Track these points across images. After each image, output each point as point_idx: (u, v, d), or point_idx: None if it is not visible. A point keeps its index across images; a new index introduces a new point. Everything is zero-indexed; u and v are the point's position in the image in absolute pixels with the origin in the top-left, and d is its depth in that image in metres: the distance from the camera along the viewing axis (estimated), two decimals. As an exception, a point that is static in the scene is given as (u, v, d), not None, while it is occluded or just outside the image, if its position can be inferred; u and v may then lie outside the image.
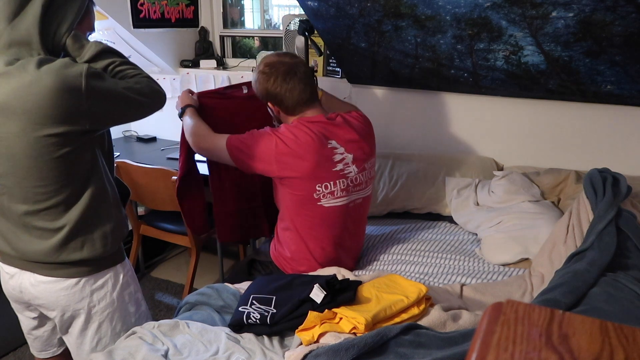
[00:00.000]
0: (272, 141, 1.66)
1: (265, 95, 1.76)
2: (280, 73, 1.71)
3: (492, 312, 0.47)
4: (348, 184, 1.74)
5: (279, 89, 1.71)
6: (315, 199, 1.70)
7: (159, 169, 2.51)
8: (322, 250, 1.79)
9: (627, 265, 1.45)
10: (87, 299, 1.41)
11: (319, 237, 1.77)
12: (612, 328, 0.45)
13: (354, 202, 1.78)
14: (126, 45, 3.07)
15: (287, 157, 1.65)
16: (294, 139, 1.65)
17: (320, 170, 1.67)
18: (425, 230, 2.21)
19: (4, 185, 1.29)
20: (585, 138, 2.31)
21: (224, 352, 1.36)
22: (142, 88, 1.33)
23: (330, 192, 1.71)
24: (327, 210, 1.73)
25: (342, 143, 1.72)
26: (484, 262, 1.91)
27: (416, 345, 1.24)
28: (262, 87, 1.74)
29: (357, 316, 1.32)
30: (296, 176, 1.67)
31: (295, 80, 1.71)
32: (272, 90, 1.72)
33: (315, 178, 1.68)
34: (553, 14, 1.85)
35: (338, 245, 1.81)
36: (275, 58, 1.76)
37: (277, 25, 3.36)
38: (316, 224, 1.75)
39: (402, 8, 2.10)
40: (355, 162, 1.75)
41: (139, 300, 1.56)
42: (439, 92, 2.58)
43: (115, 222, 1.41)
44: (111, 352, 1.36)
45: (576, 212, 1.74)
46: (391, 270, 1.88)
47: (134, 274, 1.55)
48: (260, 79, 1.74)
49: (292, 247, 1.80)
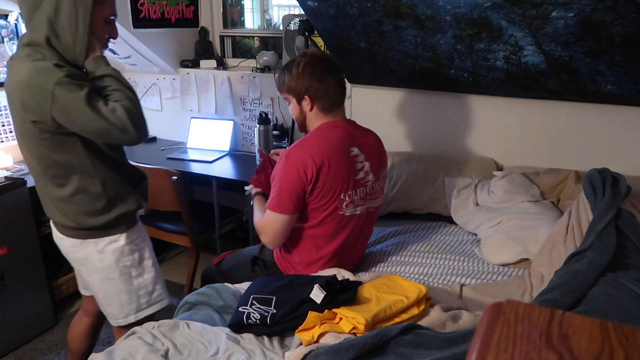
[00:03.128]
0: (296, 174, 1.64)
1: (305, 89, 1.70)
2: (326, 67, 1.71)
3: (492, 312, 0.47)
4: (367, 192, 1.76)
5: (325, 83, 1.70)
6: (338, 208, 1.72)
7: (159, 169, 2.51)
8: (334, 256, 1.79)
9: (626, 265, 1.45)
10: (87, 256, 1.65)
11: (334, 243, 1.77)
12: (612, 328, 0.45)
13: (367, 210, 1.80)
14: (126, 45, 3.07)
15: (315, 181, 1.65)
16: (313, 157, 1.64)
17: (344, 178, 1.69)
18: (425, 230, 2.21)
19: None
20: (585, 138, 2.31)
21: (223, 352, 1.36)
22: (114, 116, 1.39)
23: (352, 201, 1.73)
24: (346, 219, 1.75)
25: (363, 150, 1.74)
26: (483, 263, 1.91)
27: (416, 346, 1.24)
28: (304, 80, 1.69)
29: (357, 316, 1.32)
30: (325, 190, 1.68)
31: (338, 77, 1.73)
32: (316, 84, 1.69)
33: (340, 188, 1.69)
34: (553, 14, 1.85)
35: (347, 249, 1.82)
36: (317, 54, 1.77)
37: (277, 25, 3.36)
38: (334, 232, 1.75)
39: (402, 8, 2.10)
40: (373, 170, 1.77)
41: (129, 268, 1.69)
42: (439, 92, 2.58)
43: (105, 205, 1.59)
44: (111, 352, 1.36)
45: (576, 212, 1.74)
46: (391, 271, 1.88)
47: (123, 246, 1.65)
48: (305, 72, 1.69)
49: (304, 254, 1.79)
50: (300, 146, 1.69)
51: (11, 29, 2.77)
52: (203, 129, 3.23)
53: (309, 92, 1.71)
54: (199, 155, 3.03)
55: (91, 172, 1.53)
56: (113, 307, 1.70)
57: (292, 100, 1.76)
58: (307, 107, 1.73)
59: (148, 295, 1.72)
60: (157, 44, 3.11)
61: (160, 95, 3.45)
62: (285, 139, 2.96)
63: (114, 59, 3.31)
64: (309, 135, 1.75)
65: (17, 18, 2.78)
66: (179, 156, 3.02)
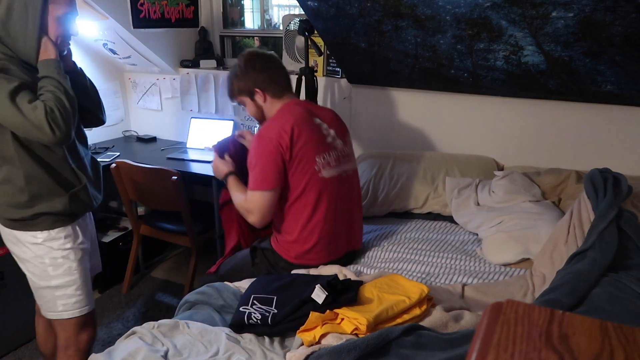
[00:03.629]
0: (272, 148, 1.74)
1: (252, 83, 1.84)
2: (264, 58, 1.87)
3: (492, 312, 0.47)
4: (338, 155, 1.87)
5: (267, 72, 1.85)
6: (316, 172, 1.80)
7: (159, 169, 2.51)
8: (325, 225, 1.83)
9: (628, 266, 1.45)
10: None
11: (320, 210, 1.82)
12: (612, 328, 0.45)
13: (346, 173, 1.90)
14: (126, 45, 3.07)
15: (291, 147, 1.75)
16: (279, 133, 1.74)
17: (316, 141, 1.80)
18: (426, 230, 2.21)
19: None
20: (585, 138, 2.31)
21: (224, 352, 1.35)
22: (33, 114, 1.43)
23: (327, 163, 1.83)
24: (327, 182, 1.82)
25: (324, 120, 1.88)
26: (485, 262, 1.91)
27: (418, 347, 1.24)
28: (250, 76, 1.84)
29: (358, 317, 1.32)
30: (302, 154, 1.77)
31: (277, 64, 1.89)
32: (260, 75, 1.84)
33: (314, 150, 1.79)
34: (553, 14, 1.85)
35: (338, 219, 1.88)
36: (253, 51, 1.91)
37: (277, 25, 3.36)
38: (317, 198, 1.81)
39: (402, 8, 2.10)
40: (338, 136, 1.90)
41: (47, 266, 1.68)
42: (439, 92, 2.58)
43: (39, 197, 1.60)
44: (111, 352, 1.36)
45: (577, 212, 1.74)
46: (393, 268, 1.88)
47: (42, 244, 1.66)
48: (248, 68, 1.84)
49: (296, 230, 1.83)
50: (268, 126, 1.80)
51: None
52: (203, 129, 3.23)
53: (257, 84, 1.84)
54: (199, 155, 3.02)
55: (17, 165, 1.56)
56: (37, 299, 1.76)
57: (246, 100, 1.89)
58: (260, 99, 1.86)
59: (66, 299, 1.71)
60: (157, 44, 3.11)
61: (160, 95, 3.45)
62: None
63: (114, 59, 3.31)
64: (272, 117, 1.85)
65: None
66: (179, 156, 3.02)
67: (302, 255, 1.85)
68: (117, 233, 3.04)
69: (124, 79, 3.53)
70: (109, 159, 2.93)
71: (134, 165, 2.57)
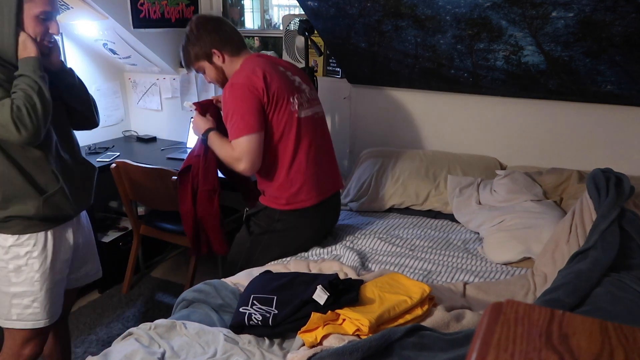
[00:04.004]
0: (247, 92, 1.77)
1: (209, 45, 1.85)
2: (215, 20, 1.91)
3: (492, 312, 0.47)
4: (307, 97, 1.95)
5: (220, 32, 1.87)
6: (293, 112, 1.86)
7: (159, 169, 2.51)
8: (309, 162, 1.90)
9: (630, 266, 1.45)
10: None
11: (302, 149, 1.88)
12: (612, 328, 0.45)
13: (317, 115, 1.99)
14: (126, 45, 3.07)
15: (266, 89, 1.80)
16: (252, 79, 1.78)
17: (286, 84, 1.87)
18: (427, 227, 2.21)
19: None
20: (585, 138, 2.31)
21: (222, 354, 1.34)
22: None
23: (301, 104, 1.90)
24: (304, 122, 1.89)
25: (287, 69, 1.95)
26: (486, 261, 1.91)
27: (420, 348, 1.24)
28: (204, 39, 1.85)
29: (360, 318, 1.31)
30: (277, 94, 1.82)
31: (228, 25, 1.93)
32: (215, 35, 1.86)
33: (287, 91, 1.85)
34: (553, 14, 1.85)
35: (318, 158, 1.95)
36: (201, 15, 1.94)
37: (277, 25, 3.36)
38: (296, 139, 1.86)
39: (402, 8, 2.10)
40: (303, 82, 1.97)
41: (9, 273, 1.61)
42: (439, 92, 2.58)
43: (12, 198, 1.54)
44: (107, 354, 1.35)
45: (579, 211, 1.74)
46: (394, 263, 1.88)
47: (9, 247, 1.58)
48: (201, 32, 1.86)
49: (282, 172, 1.87)
50: (237, 75, 1.82)
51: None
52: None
53: (213, 45, 1.86)
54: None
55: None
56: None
57: (205, 64, 1.91)
58: (219, 60, 1.88)
59: (21, 309, 1.62)
60: (157, 44, 3.11)
61: (160, 95, 3.44)
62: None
63: (114, 59, 3.31)
64: (240, 69, 1.86)
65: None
66: (179, 156, 3.02)
67: (292, 199, 1.89)
68: (117, 233, 3.04)
69: (124, 79, 3.53)
70: (109, 159, 2.92)
71: (134, 165, 2.57)
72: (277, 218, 1.92)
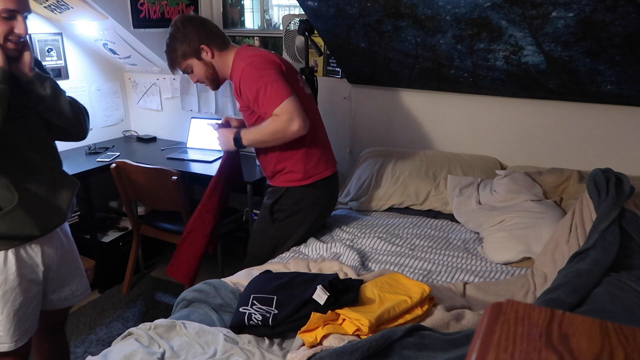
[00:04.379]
0: (268, 63, 1.81)
1: (197, 41, 1.84)
2: (198, 17, 1.93)
3: (492, 312, 0.47)
4: (303, 80, 2.03)
5: (206, 28, 1.86)
6: (302, 87, 1.94)
7: (159, 169, 2.51)
8: (319, 133, 2.00)
9: (630, 265, 1.45)
10: None
11: (314, 123, 1.93)
12: (612, 328, 0.45)
13: (311, 94, 2.08)
14: (126, 45, 3.07)
15: (281, 62, 1.87)
16: (263, 54, 1.85)
17: (290, 66, 1.94)
18: (427, 227, 2.22)
19: None
20: (585, 138, 2.31)
21: (222, 354, 1.34)
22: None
23: (303, 82, 2.00)
24: (308, 97, 1.97)
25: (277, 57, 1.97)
26: (486, 261, 1.91)
27: (420, 348, 1.24)
28: (191, 36, 1.84)
29: (360, 318, 1.31)
30: (288, 69, 1.90)
31: (210, 21, 1.95)
32: (202, 31, 1.85)
33: (292, 69, 1.95)
34: (553, 14, 1.85)
35: (324, 133, 2.07)
36: (183, 14, 1.94)
37: (277, 25, 3.36)
38: (310, 112, 1.89)
39: (402, 8, 2.10)
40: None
41: None
42: (439, 92, 2.58)
43: None
44: (106, 355, 1.35)
45: (579, 211, 1.74)
46: (394, 263, 1.88)
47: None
48: (188, 28, 1.84)
49: (301, 147, 1.91)
50: (249, 57, 1.83)
51: (11, 29, 2.77)
52: (203, 129, 3.23)
53: (201, 41, 1.85)
54: (199, 155, 3.03)
55: None
56: None
57: (193, 62, 1.90)
58: (208, 56, 1.87)
59: None
60: (157, 44, 3.11)
61: (160, 95, 3.45)
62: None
63: (114, 59, 3.31)
64: (239, 58, 1.86)
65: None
66: (179, 156, 3.02)
67: (313, 171, 1.95)
68: (117, 233, 3.04)
69: (124, 79, 3.53)
70: (109, 159, 2.93)
71: (134, 165, 2.57)
72: (301, 196, 1.96)
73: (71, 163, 2.89)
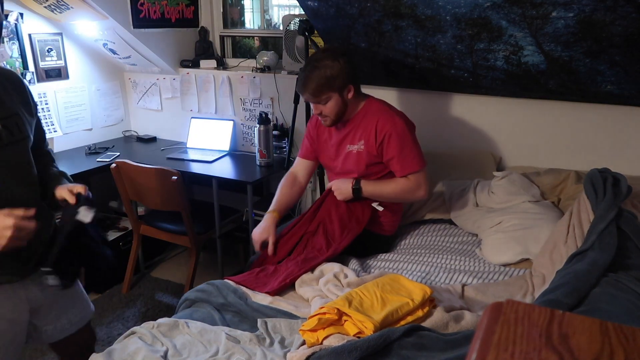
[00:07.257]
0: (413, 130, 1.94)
1: (350, 78, 1.86)
2: (348, 53, 1.94)
3: (492, 312, 0.47)
4: None
5: (355, 67, 1.89)
6: None
7: (159, 169, 2.51)
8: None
9: (628, 266, 1.45)
10: None
11: None
12: (612, 328, 0.45)
13: None
14: (126, 45, 3.07)
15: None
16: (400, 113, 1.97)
17: None
18: (424, 230, 2.21)
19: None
20: (585, 138, 2.31)
21: (223, 352, 1.35)
22: None
23: None
24: None
25: None
26: (484, 262, 1.90)
27: (419, 348, 1.24)
28: (350, 72, 1.85)
29: (365, 320, 1.31)
30: None
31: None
32: (356, 71, 1.89)
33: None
34: (553, 14, 1.85)
35: None
36: (336, 46, 2.03)
37: (277, 25, 3.36)
38: None
39: (402, 8, 2.10)
40: None
41: None
42: (439, 92, 2.58)
43: None
44: (110, 352, 1.36)
45: (577, 212, 1.74)
46: (392, 268, 1.88)
47: None
48: (347, 64, 1.83)
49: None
50: (394, 115, 1.90)
51: (11, 29, 2.77)
52: (203, 129, 3.23)
53: (351, 79, 1.86)
54: (199, 155, 3.03)
55: None
56: None
57: (334, 95, 1.85)
58: (348, 95, 1.88)
59: None
60: (157, 44, 3.11)
61: (160, 95, 3.45)
62: (285, 139, 2.96)
63: (114, 59, 3.31)
64: (376, 109, 1.94)
65: (17, 18, 2.78)
66: (179, 156, 3.02)
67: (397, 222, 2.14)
68: (117, 233, 3.05)
69: (124, 79, 3.53)
70: (109, 159, 2.93)
71: (134, 165, 2.57)
72: (388, 241, 2.12)
73: (71, 163, 2.89)
